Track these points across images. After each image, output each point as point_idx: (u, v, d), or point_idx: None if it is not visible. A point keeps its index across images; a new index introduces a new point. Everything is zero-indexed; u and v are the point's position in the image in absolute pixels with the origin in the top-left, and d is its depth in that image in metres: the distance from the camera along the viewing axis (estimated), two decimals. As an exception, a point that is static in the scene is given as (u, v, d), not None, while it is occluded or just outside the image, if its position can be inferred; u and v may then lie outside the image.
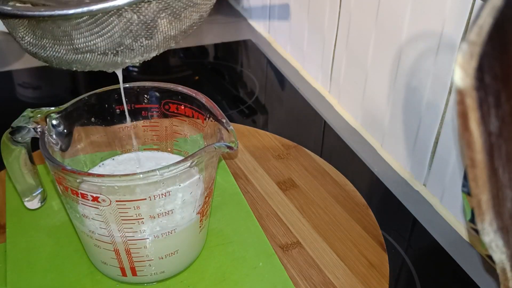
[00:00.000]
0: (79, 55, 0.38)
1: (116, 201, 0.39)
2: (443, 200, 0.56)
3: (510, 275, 0.28)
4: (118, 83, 0.47)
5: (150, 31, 0.37)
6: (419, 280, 0.48)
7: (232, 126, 0.43)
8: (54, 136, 0.44)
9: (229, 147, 0.41)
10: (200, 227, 0.45)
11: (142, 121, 0.50)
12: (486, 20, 0.23)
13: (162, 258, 0.43)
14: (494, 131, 0.25)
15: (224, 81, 0.81)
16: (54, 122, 0.44)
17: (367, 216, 0.53)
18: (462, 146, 0.24)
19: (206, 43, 0.91)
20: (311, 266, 0.47)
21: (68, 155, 0.46)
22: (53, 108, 0.45)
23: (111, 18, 0.36)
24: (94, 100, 0.47)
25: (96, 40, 0.37)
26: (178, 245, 0.44)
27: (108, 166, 0.50)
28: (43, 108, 0.44)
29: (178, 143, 0.51)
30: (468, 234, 0.53)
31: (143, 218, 0.41)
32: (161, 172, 0.38)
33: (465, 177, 0.34)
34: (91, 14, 0.35)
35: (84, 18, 0.35)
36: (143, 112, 0.50)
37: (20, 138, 0.43)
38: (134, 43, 0.38)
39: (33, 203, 0.49)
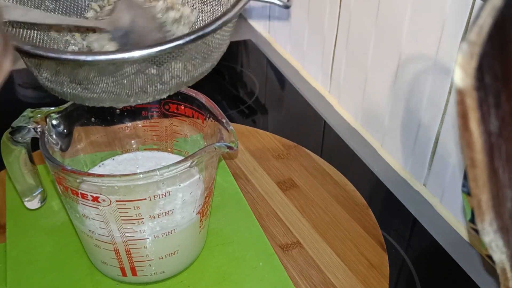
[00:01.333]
0: (95, 95, 0.39)
1: (116, 201, 0.39)
2: (443, 200, 0.56)
3: (510, 275, 0.28)
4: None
5: (165, 78, 0.38)
6: (419, 280, 0.48)
7: (232, 126, 0.43)
8: (54, 136, 0.44)
9: (229, 147, 0.41)
10: (200, 227, 0.45)
11: (142, 121, 0.50)
12: (486, 20, 0.23)
13: (162, 258, 0.43)
14: (494, 131, 0.25)
15: (224, 81, 0.81)
16: (54, 122, 0.44)
17: (367, 216, 0.53)
18: (462, 146, 0.24)
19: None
20: (311, 266, 0.47)
21: (68, 155, 0.46)
22: (53, 108, 0.45)
23: (132, 66, 0.37)
24: (94, 100, 0.47)
25: (114, 84, 0.38)
26: (178, 245, 0.44)
27: (108, 166, 0.50)
28: (43, 108, 0.44)
29: (178, 143, 0.51)
30: (468, 234, 0.53)
31: (143, 218, 0.41)
32: (161, 172, 0.38)
33: (465, 177, 0.34)
34: (113, 62, 0.36)
35: (107, 64, 0.36)
36: (143, 112, 0.50)
37: (20, 138, 0.43)
38: (149, 87, 0.39)
39: (33, 203, 0.49)
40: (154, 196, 0.40)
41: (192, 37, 0.36)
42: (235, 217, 0.52)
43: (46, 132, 0.43)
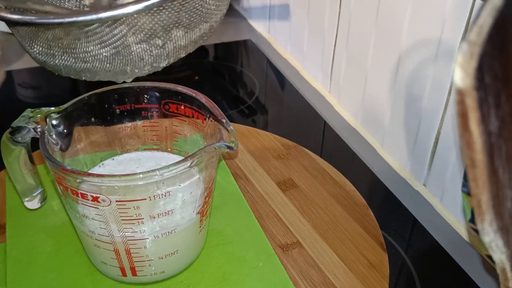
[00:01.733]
0: (88, 64, 0.37)
1: (116, 201, 0.39)
2: (443, 200, 0.56)
3: (510, 275, 0.28)
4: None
5: (160, 40, 0.36)
6: (419, 280, 0.48)
7: (232, 126, 0.43)
8: (54, 136, 0.44)
9: (229, 147, 0.41)
10: (200, 227, 0.45)
11: (142, 121, 0.50)
12: (486, 20, 0.23)
13: (162, 258, 0.43)
14: (494, 131, 0.25)
15: (224, 81, 0.81)
16: (54, 122, 0.44)
17: (367, 216, 0.53)
18: (462, 146, 0.24)
19: (206, 43, 0.91)
20: (311, 266, 0.47)
21: (68, 155, 0.46)
22: (53, 108, 0.45)
23: (121, 26, 0.35)
24: (94, 100, 0.47)
25: (105, 48, 0.36)
26: (178, 245, 0.44)
27: (108, 166, 0.50)
28: (43, 108, 0.44)
29: (178, 143, 0.51)
30: (468, 234, 0.53)
31: (143, 218, 0.41)
32: (161, 172, 0.38)
33: (465, 177, 0.34)
34: (101, 21, 0.34)
35: (94, 26, 0.35)
36: (143, 112, 0.50)
37: (20, 138, 0.43)
38: (144, 53, 0.37)
39: (33, 203, 0.49)
40: (154, 196, 0.40)
41: None
42: (235, 217, 0.52)
43: (46, 132, 0.43)
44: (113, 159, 0.51)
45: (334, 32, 0.70)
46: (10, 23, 0.35)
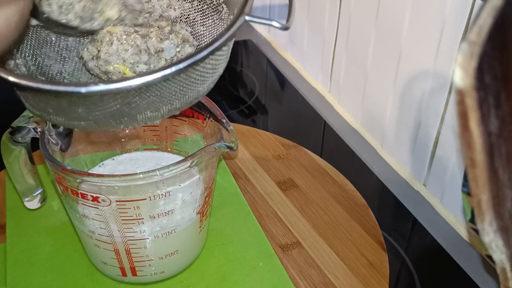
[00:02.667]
0: (82, 122, 0.37)
1: (116, 201, 0.39)
2: (443, 200, 0.56)
3: (510, 275, 0.28)
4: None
5: (156, 106, 0.37)
6: (419, 280, 0.48)
7: (232, 126, 0.43)
8: (54, 136, 0.44)
9: (229, 147, 0.41)
10: (200, 227, 0.45)
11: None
12: (486, 20, 0.23)
13: (162, 258, 0.43)
14: (494, 131, 0.25)
15: (224, 81, 0.81)
16: (54, 122, 0.44)
17: (367, 216, 0.53)
18: (462, 146, 0.24)
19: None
20: (311, 266, 0.47)
21: (68, 155, 0.46)
22: (53, 108, 0.45)
23: (117, 96, 0.35)
24: (94, 100, 0.47)
25: (100, 113, 0.36)
26: (178, 245, 0.44)
27: (108, 166, 0.50)
28: (43, 108, 0.44)
29: (178, 143, 0.51)
30: (468, 234, 0.53)
31: (143, 218, 0.41)
32: (161, 172, 0.38)
33: (465, 177, 0.34)
34: (100, 94, 0.34)
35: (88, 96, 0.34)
36: (143, 112, 0.49)
37: (20, 138, 0.43)
38: (138, 115, 0.37)
39: (33, 203, 0.49)
40: (154, 196, 0.40)
41: (179, 67, 0.33)
42: (235, 217, 0.52)
43: (46, 132, 0.43)
44: (113, 159, 0.51)
45: (334, 32, 0.70)
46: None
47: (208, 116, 0.45)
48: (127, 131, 0.51)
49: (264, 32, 0.94)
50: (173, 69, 0.33)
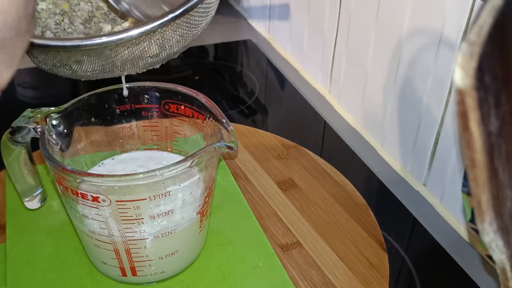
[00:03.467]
0: (88, 73, 0.39)
1: (116, 201, 0.39)
2: (443, 200, 0.56)
3: (510, 275, 0.28)
4: (118, 83, 0.47)
5: (156, 52, 0.39)
6: (419, 280, 0.48)
7: (232, 126, 0.43)
8: (54, 136, 0.44)
9: (229, 147, 0.41)
10: (200, 227, 0.45)
11: (142, 121, 0.50)
12: (486, 20, 0.23)
13: (162, 258, 0.43)
14: (494, 131, 0.25)
15: (224, 81, 0.81)
16: (54, 122, 0.44)
17: (367, 216, 0.53)
18: (462, 146, 0.24)
19: (206, 43, 0.91)
20: (311, 266, 0.47)
21: (68, 155, 0.46)
22: (53, 108, 0.45)
23: (120, 47, 0.37)
24: (94, 100, 0.47)
25: (104, 64, 0.38)
26: (178, 245, 0.44)
27: (108, 165, 0.50)
28: (43, 108, 0.44)
29: (178, 143, 0.51)
30: (468, 234, 0.53)
31: (143, 218, 0.41)
32: (161, 172, 0.38)
33: (465, 177, 0.34)
34: (101, 46, 0.36)
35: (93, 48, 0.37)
36: (143, 112, 0.50)
37: (20, 138, 0.43)
38: (140, 61, 0.39)
39: (33, 203, 0.49)
40: (154, 196, 0.40)
41: (175, 14, 0.36)
42: (235, 217, 0.52)
43: (46, 132, 0.43)
44: (113, 158, 0.51)
45: (334, 32, 0.70)
46: None
47: (208, 116, 0.45)
48: (127, 131, 0.51)
49: (264, 32, 0.94)
50: (170, 16, 0.36)
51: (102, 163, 0.50)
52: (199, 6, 0.39)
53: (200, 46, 0.90)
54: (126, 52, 0.38)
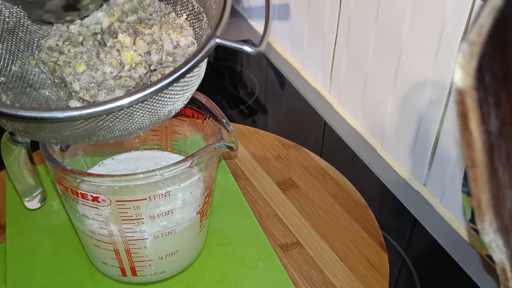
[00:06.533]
0: (53, 140, 0.38)
1: (116, 201, 0.39)
2: (443, 200, 0.56)
3: (510, 275, 0.28)
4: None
5: (125, 125, 0.37)
6: (419, 280, 0.48)
7: (232, 126, 0.43)
8: (54, 136, 0.44)
9: (229, 147, 0.41)
10: (200, 227, 0.45)
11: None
12: (486, 20, 0.23)
13: (162, 258, 0.43)
14: (494, 131, 0.25)
15: (224, 81, 0.81)
16: (54, 122, 0.44)
17: (367, 216, 0.53)
18: (462, 146, 0.24)
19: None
20: (311, 266, 0.47)
21: (68, 155, 0.46)
22: (53, 108, 0.45)
23: (94, 120, 0.35)
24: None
25: (69, 133, 0.37)
26: (178, 245, 0.44)
27: (108, 165, 0.50)
28: (43, 108, 0.44)
29: (178, 143, 0.51)
30: (468, 234, 0.53)
31: (143, 218, 0.41)
32: (161, 172, 0.38)
33: (465, 177, 0.34)
34: (72, 119, 0.34)
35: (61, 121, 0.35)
36: (143, 112, 0.49)
37: (20, 138, 0.43)
38: (107, 134, 0.38)
39: (33, 203, 0.49)
40: (154, 196, 0.40)
41: (144, 93, 0.34)
42: (235, 217, 0.52)
43: (46, 132, 0.43)
44: (112, 158, 0.51)
45: (334, 32, 0.70)
46: None
47: (208, 116, 0.45)
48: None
49: (264, 32, 0.94)
50: (140, 95, 0.34)
51: (102, 163, 0.50)
52: (174, 84, 0.37)
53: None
54: (89, 125, 0.36)
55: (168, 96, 0.37)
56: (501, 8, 0.23)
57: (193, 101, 0.47)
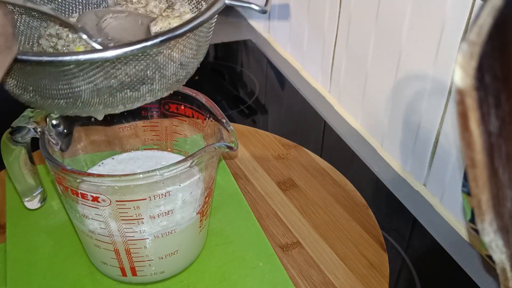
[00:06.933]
0: (62, 101, 0.37)
1: (116, 201, 0.39)
2: (443, 200, 0.56)
3: (510, 275, 0.28)
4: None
5: (135, 84, 0.37)
6: (419, 280, 0.48)
7: (232, 126, 0.43)
8: (54, 136, 0.44)
9: (229, 147, 0.41)
10: (200, 227, 0.45)
11: (142, 121, 0.50)
12: (486, 20, 0.23)
13: (162, 258, 0.43)
14: (494, 131, 0.25)
15: (224, 81, 0.81)
16: (54, 122, 0.44)
17: (367, 216, 0.53)
18: (462, 146, 0.24)
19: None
20: (311, 266, 0.47)
21: (68, 155, 0.46)
22: (53, 108, 0.44)
23: (97, 69, 0.35)
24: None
25: (80, 88, 0.36)
26: (178, 245, 0.44)
27: (108, 165, 0.50)
28: (43, 108, 0.44)
29: (178, 143, 0.51)
30: (468, 234, 0.53)
31: (143, 218, 0.41)
32: (161, 172, 0.38)
33: (465, 177, 0.34)
34: (78, 63, 0.34)
35: (70, 66, 0.34)
36: (143, 112, 0.50)
37: (20, 138, 0.43)
38: (118, 93, 0.37)
39: (33, 203, 0.49)
40: (154, 196, 0.40)
41: (161, 38, 0.34)
42: (235, 217, 0.52)
43: (46, 132, 0.43)
44: (113, 158, 0.51)
45: (334, 32, 0.70)
46: None
47: (208, 116, 0.45)
48: (127, 131, 0.51)
49: (264, 32, 0.94)
50: (155, 40, 0.34)
51: (102, 163, 0.50)
52: (188, 40, 0.37)
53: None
54: (101, 75, 0.35)
55: (193, 43, 0.37)
56: (501, 8, 0.23)
57: (193, 101, 0.47)
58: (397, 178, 0.61)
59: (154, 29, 0.40)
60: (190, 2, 0.44)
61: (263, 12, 0.40)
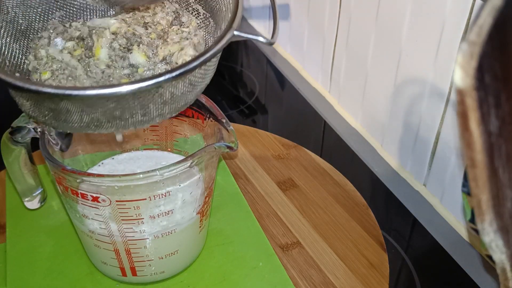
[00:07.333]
0: (76, 124, 0.38)
1: (116, 201, 0.39)
2: (443, 200, 0.56)
3: (510, 275, 0.28)
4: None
5: (146, 110, 0.38)
6: (419, 280, 0.48)
7: (232, 126, 0.43)
8: (54, 136, 0.44)
9: (229, 147, 0.41)
10: (200, 227, 0.45)
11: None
12: (486, 20, 0.23)
13: (162, 258, 0.43)
14: (494, 131, 0.25)
15: (224, 81, 0.81)
16: (54, 122, 0.44)
17: (367, 216, 0.53)
18: (462, 146, 0.24)
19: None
20: (311, 266, 0.47)
21: (68, 155, 0.46)
22: (53, 108, 0.45)
23: (111, 101, 0.36)
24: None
25: (94, 115, 0.37)
26: (178, 245, 0.44)
27: (108, 165, 0.50)
28: (43, 108, 0.44)
29: (178, 143, 0.51)
30: (468, 234, 0.53)
31: (143, 218, 0.41)
32: (161, 172, 0.38)
33: (465, 177, 0.34)
34: (96, 97, 0.35)
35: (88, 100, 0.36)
36: (143, 112, 0.50)
37: (20, 138, 0.43)
38: (130, 118, 0.38)
39: (33, 203, 0.49)
40: (154, 196, 0.40)
41: (173, 74, 0.35)
42: (235, 217, 0.52)
43: (46, 132, 0.43)
44: (113, 158, 0.51)
45: (334, 32, 0.70)
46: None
47: (208, 116, 0.45)
48: (126, 131, 0.51)
49: (264, 32, 0.94)
50: (167, 76, 0.34)
51: (102, 163, 0.50)
52: (197, 70, 0.38)
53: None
54: (113, 106, 0.36)
55: (189, 82, 0.38)
56: (501, 8, 0.23)
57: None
58: (397, 178, 0.61)
59: (157, 59, 0.41)
60: (197, 16, 0.45)
61: (270, 44, 0.41)
